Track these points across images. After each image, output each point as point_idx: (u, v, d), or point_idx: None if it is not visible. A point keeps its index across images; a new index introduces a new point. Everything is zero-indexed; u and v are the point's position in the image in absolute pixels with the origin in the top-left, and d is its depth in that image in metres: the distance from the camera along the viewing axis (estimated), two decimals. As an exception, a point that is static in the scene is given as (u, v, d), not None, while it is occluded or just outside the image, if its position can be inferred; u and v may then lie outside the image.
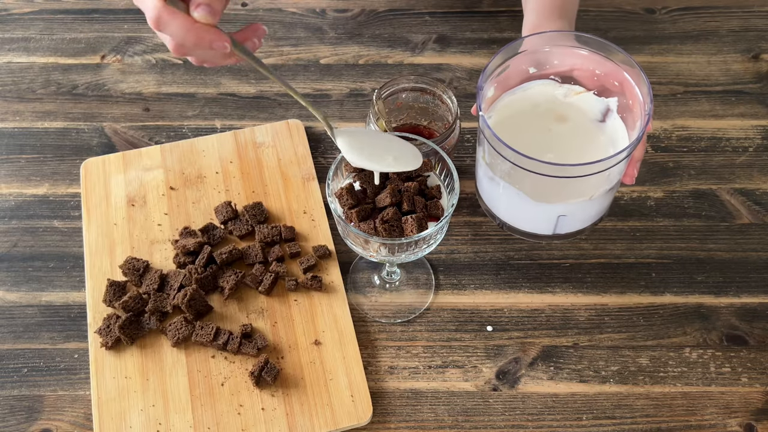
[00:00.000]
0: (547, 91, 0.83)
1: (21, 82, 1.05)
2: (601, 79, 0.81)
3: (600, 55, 0.80)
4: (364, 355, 0.84)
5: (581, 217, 0.83)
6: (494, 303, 0.88)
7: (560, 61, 0.82)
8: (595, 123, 0.81)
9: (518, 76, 0.82)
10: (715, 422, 0.81)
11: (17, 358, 0.85)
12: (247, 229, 0.90)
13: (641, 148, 0.80)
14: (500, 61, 0.80)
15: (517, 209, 0.82)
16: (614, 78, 0.80)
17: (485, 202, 0.87)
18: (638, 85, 0.78)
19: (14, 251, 0.92)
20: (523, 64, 0.82)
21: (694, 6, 1.12)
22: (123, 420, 0.80)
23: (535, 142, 0.79)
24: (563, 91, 0.82)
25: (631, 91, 0.79)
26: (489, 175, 0.81)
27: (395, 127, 0.92)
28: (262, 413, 0.80)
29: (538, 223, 0.83)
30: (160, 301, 0.85)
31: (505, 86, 0.82)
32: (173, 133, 1.00)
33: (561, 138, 0.80)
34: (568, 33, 0.82)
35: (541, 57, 0.82)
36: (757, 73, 1.05)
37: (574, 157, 0.78)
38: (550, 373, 0.83)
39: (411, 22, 1.11)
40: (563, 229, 0.83)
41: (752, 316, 0.87)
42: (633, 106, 0.79)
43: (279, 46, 1.08)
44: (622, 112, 0.80)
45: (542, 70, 0.82)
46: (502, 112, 0.82)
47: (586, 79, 0.82)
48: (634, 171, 0.81)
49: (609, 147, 0.79)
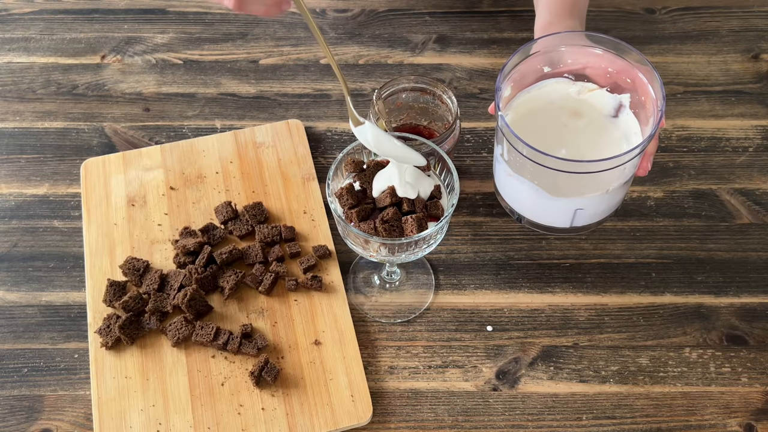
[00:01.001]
0: (561, 89, 0.84)
1: (21, 82, 1.05)
2: (614, 77, 0.82)
3: (612, 54, 0.81)
4: (364, 355, 0.84)
5: (597, 210, 0.83)
6: (494, 303, 0.88)
7: (573, 59, 0.83)
8: (609, 118, 0.82)
9: (533, 75, 0.84)
10: (715, 422, 0.81)
11: (17, 358, 0.85)
12: (247, 229, 0.90)
13: (654, 142, 0.82)
14: (516, 62, 0.81)
15: (536, 204, 0.83)
16: (626, 75, 0.81)
17: (504, 198, 0.87)
18: (651, 82, 0.79)
19: (14, 251, 0.92)
20: (537, 63, 0.83)
21: (694, 6, 1.12)
22: (123, 420, 0.80)
23: (551, 138, 0.80)
24: (576, 88, 0.83)
25: (644, 88, 0.80)
26: (508, 172, 0.82)
27: (395, 127, 0.92)
28: (262, 413, 0.80)
29: (556, 216, 0.84)
30: (160, 301, 0.85)
31: (520, 85, 0.83)
32: (173, 133, 1.00)
33: (576, 134, 0.81)
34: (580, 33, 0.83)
35: (554, 56, 0.83)
36: (757, 73, 1.05)
37: (589, 152, 0.80)
38: (550, 373, 0.83)
39: (411, 22, 1.11)
40: (580, 221, 0.84)
41: (752, 316, 0.87)
42: (645, 102, 0.80)
43: (279, 46, 1.08)
44: (635, 108, 0.81)
45: (556, 69, 0.84)
46: (518, 110, 0.83)
47: (598, 76, 0.83)
48: (648, 164, 0.82)
49: (622, 141, 0.80)
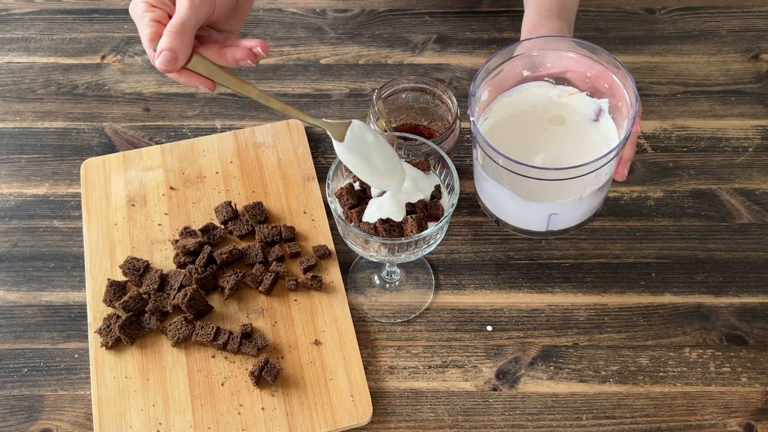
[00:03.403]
0: (541, 93, 0.84)
1: (21, 82, 1.05)
2: (593, 81, 0.82)
3: (590, 58, 0.81)
4: (364, 355, 0.84)
5: (572, 215, 0.84)
6: (494, 303, 0.88)
7: (553, 63, 0.83)
8: (590, 123, 0.82)
9: (512, 79, 0.83)
10: (715, 422, 0.81)
11: (17, 358, 0.85)
12: (247, 229, 0.90)
13: (630, 147, 0.81)
14: (494, 66, 0.81)
15: (511, 208, 0.84)
16: (604, 80, 0.81)
17: (482, 200, 0.88)
18: (624, 86, 0.79)
19: (14, 251, 0.92)
20: (517, 67, 0.83)
21: (694, 6, 1.12)
22: (123, 420, 0.80)
23: (532, 142, 0.80)
24: (557, 92, 0.83)
25: (619, 93, 0.80)
26: (483, 176, 0.82)
27: (395, 127, 0.92)
28: (262, 413, 0.80)
29: (531, 221, 0.84)
30: (160, 301, 0.85)
31: (499, 89, 0.83)
32: (173, 133, 1.00)
33: (557, 138, 0.81)
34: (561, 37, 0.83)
35: (535, 60, 0.83)
36: (757, 73, 1.05)
37: (570, 157, 0.80)
38: (550, 373, 0.84)
39: (411, 22, 1.11)
40: (556, 226, 0.84)
41: (752, 316, 0.87)
42: (622, 107, 0.80)
43: (279, 46, 1.08)
44: (613, 113, 0.81)
45: (536, 72, 0.83)
46: (498, 114, 0.83)
47: (578, 80, 0.82)
48: (624, 170, 0.82)
49: (603, 146, 0.80)
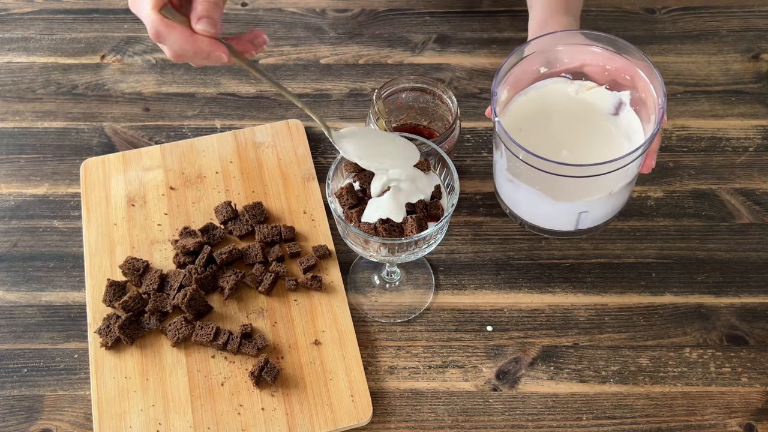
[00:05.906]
0: (558, 89, 0.82)
1: (21, 82, 1.05)
2: (612, 74, 0.80)
3: (610, 51, 0.80)
4: (364, 355, 0.84)
5: (603, 212, 0.82)
6: (494, 303, 0.88)
7: (570, 58, 0.82)
8: (609, 117, 0.80)
9: (529, 77, 0.82)
10: (715, 422, 0.81)
11: (17, 358, 0.85)
12: (247, 229, 0.90)
13: (657, 138, 0.80)
14: (511, 64, 0.80)
15: (538, 209, 0.82)
16: (625, 72, 0.79)
17: (505, 202, 0.86)
18: (650, 78, 0.77)
19: (14, 251, 0.92)
20: (533, 64, 0.81)
21: (694, 6, 1.12)
22: (123, 420, 0.80)
23: (550, 140, 0.79)
24: (575, 87, 0.82)
25: (643, 85, 0.78)
26: (508, 177, 0.81)
27: (395, 127, 0.92)
28: (262, 413, 0.80)
29: (559, 221, 0.83)
30: (160, 301, 0.85)
31: (517, 87, 0.82)
32: (173, 133, 1.00)
33: (576, 134, 0.80)
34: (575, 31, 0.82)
35: (550, 56, 0.82)
36: (757, 73, 1.05)
37: (590, 153, 0.78)
38: (550, 373, 0.83)
39: (411, 22, 1.11)
40: (585, 224, 0.83)
41: (752, 316, 0.87)
42: (646, 99, 0.78)
43: (279, 46, 1.08)
44: (635, 105, 0.79)
45: (552, 69, 0.82)
46: (516, 114, 0.81)
47: (596, 74, 0.81)
48: (652, 162, 0.81)
49: (623, 140, 0.79)
